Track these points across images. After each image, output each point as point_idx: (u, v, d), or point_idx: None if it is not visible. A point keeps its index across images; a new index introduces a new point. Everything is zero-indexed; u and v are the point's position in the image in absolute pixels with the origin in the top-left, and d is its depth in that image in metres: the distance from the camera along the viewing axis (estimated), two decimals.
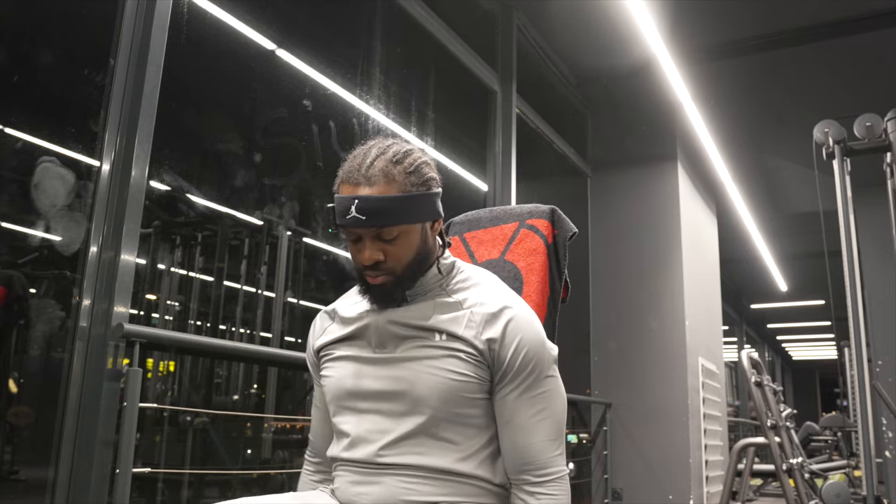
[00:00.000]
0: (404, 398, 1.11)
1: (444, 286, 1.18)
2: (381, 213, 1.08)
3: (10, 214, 2.34)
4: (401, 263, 1.12)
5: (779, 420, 3.91)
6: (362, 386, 1.15)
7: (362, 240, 1.11)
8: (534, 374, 1.13)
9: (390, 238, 1.11)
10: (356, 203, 1.08)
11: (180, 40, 2.18)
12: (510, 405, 1.13)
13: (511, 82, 4.13)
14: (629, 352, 4.92)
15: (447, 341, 1.12)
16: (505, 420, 1.13)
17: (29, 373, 2.40)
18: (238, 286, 3.84)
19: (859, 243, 3.20)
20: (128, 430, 1.73)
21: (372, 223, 1.08)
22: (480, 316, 1.13)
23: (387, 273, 1.12)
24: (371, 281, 1.13)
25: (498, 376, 1.13)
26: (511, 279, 1.37)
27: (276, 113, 3.41)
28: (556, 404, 1.15)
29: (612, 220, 5.20)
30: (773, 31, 4.34)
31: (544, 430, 1.12)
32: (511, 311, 1.13)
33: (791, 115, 5.31)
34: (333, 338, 1.21)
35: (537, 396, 1.13)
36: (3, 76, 2.11)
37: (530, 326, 1.14)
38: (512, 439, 1.13)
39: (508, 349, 1.11)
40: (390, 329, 1.15)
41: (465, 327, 1.12)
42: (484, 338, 1.12)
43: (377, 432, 1.12)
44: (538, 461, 1.11)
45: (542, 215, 1.42)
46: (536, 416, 1.12)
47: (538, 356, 1.13)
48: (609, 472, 4.72)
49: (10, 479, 2.42)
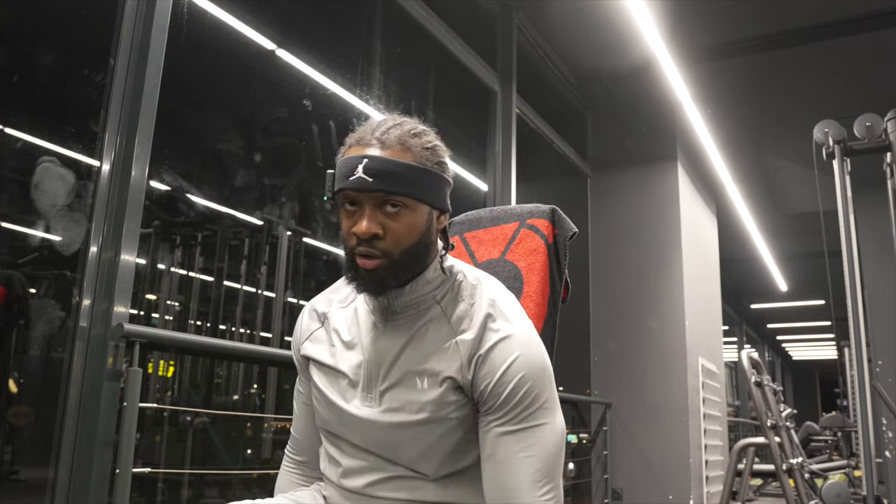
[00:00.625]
0: (391, 457, 1.05)
1: (437, 297, 1.06)
2: (390, 176, 0.97)
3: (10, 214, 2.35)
4: (399, 245, 0.99)
5: (779, 420, 3.91)
6: (348, 436, 1.08)
7: (362, 209, 0.99)
8: (523, 405, 0.99)
9: (394, 210, 0.98)
10: (364, 162, 0.97)
11: (180, 40, 2.18)
12: (492, 439, 1.00)
13: (511, 82, 4.13)
14: (629, 352, 4.92)
15: (435, 389, 1.02)
16: (487, 454, 1.00)
17: (29, 373, 2.40)
18: (238, 286, 3.84)
19: (859, 243, 3.20)
20: (128, 430, 1.73)
21: (379, 186, 0.96)
22: (468, 343, 1.02)
23: (382, 255, 0.99)
24: (362, 265, 0.99)
25: (483, 407, 1.01)
26: (511, 279, 1.37)
27: (276, 113, 3.41)
28: (549, 442, 1.00)
29: (612, 220, 5.20)
30: (773, 31, 4.34)
31: (530, 469, 0.98)
32: (501, 336, 1.01)
33: (791, 115, 5.31)
34: (321, 359, 1.12)
35: (523, 433, 0.99)
36: (3, 76, 2.11)
37: (525, 351, 1.01)
38: (491, 476, 1.00)
39: (493, 378, 0.99)
40: (377, 369, 1.05)
41: (453, 362, 1.02)
42: (470, 369, 1.01)
43: (368, 470, 1.06)
44: (515, 495, 0.97)
45: (542, 215, 1.42)
46: (522, 452, 0.98)
47: (532, 386, 0.99)
48: (609, 472, 4.72)
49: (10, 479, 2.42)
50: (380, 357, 1.05)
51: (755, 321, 13.47)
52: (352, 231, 0.99)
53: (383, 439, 1.04)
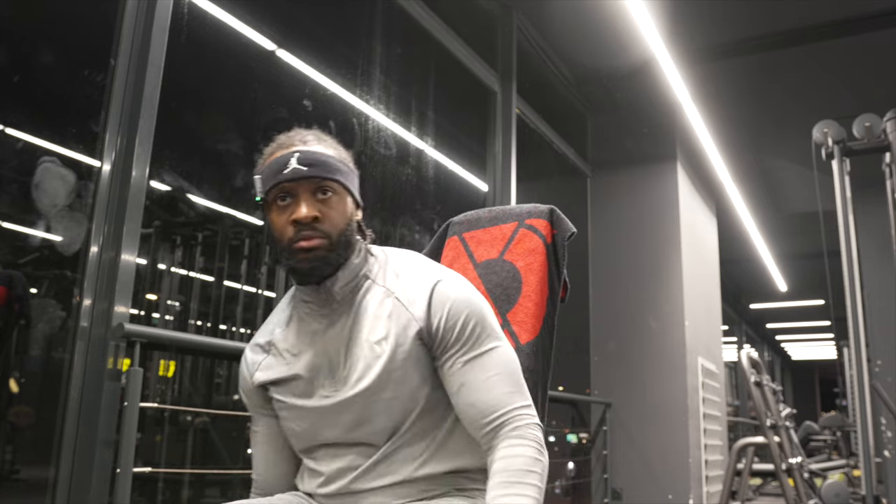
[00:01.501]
0: (367, 438, 1.09)
1: (369, 274, 1.13)
2: (322, 165, 1.06)
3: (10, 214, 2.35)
4: (335, 228, 1.07)
5: (778, 420, 3.91)
6: (323, 437, 1.12)
7: (297, 199, 1.06)
8: (473, 336, 1.08)
9: (326, 197, 1.07)
10: (297, 155, 1.06)
11: (180, 40, 2.19)
12: (458, 371, 1.08)
13: (511, 82, 4.13)
14: (629, 352, 4.92)
15: (390, 346, 1.07)
16: (457, 387, 1.08)
17: (29, 373, 2.40)
18: (238, 286, 3.84)
19: (859, 243, 3.20)
20: (128, 429, 1.73)
21: (314, 173, 1.05)
22: (411, 299, 1.09)
23: (321, 235, 1.05)
24: (305, 244, 1.04)
25: (439, 349, 1.09)
26: (510, 279, 1.38)
27: (276, 113, 3.41)
28: (509, 363, 1.10)
29: (612, 220, 5.20)
30: (773, 31, 4.34)
31: (502, 385, 1.07)
32: (436, 281, 1.10)
33: (790, 116, 5.31)
34: (277, 376, 1.14)
35: (483, 356, 1.08)
36: (4, 76, 2.11)
37: (461, 292, 1.10)
38: (469, 401, 1.07)
39: (443, 319, 1.07)
40: (335, 355, 1.10)
41: (401, 319, 1.09)
42: (421, 320, 1.08)
43: (348, 469, 1.10)
44: (501, 411, 1.06)
45: (540, 215, 1.42)
46: (489, 373, 1.07)
47: (475, 318, 1.09)
48: (609, 472, 4.72)
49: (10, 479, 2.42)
50: (334, 343, 1.11)
51: (755, 321, 13.47)
52: (291, 219, 1.05)
53: (358, 417, 1.08)
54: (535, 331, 1.32)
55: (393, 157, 3.60)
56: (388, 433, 1.08)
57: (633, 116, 5.13)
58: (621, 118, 5.19)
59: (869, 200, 4.22)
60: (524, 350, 1.31)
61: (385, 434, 1.08)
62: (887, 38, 4.29)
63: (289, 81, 3.21)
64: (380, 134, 3.52)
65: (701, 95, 4.60)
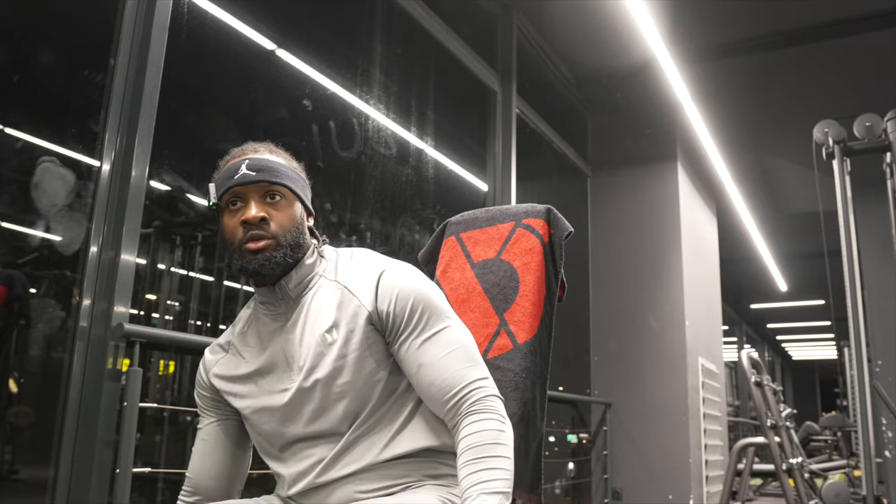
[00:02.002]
0: (330, 427, 1.11)
1: (320, 273, 1.19)
2: (270, 170, 1.13)
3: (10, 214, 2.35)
4: (283, 229, 1.12)
5: (779, 420, 3.91)
6: (289, 434, 1.14)
7: (247, 202, 1.12)
8: (424, 318, 1.12)
9: (274, 201, 1.13)
10: (246, 162, 1.13)
11: (180, 40, 2.19)
12: (414, 353, 1.11)
13: (511, 82, 4.13)
14: (629, 352, 4.92)
15: (341, 334, 1.11)
16: (415, 369, 1.11)
17: (29, 373, 2.40)
18: (238, 286, 3.84)
19: (859, 243, 3.20)
20: (128, 430, 1.73)
21: (262, 178, 1.12)
22: (359, 288, 1.14)
23: (269, 237, 1.11)
24: (253, 246, 1.10)
25: (391, 334, 1.12)
26: (507, 279, 1.37)
27: (276, 113, 3.41)
28: (461, 338, 1.13)
29: (612, 220, 5.20)
30: (773, 31, 4.34)
31: (457, 362, 1.10)
32: (382, 271, 1.14)
33: (791, 116, 5.30)
34: (236, 372, 1.19)
35: (437, 336, 1.12)
36: (3, 76, 2.11)
37: (406, 278, 1.14)
38: (428, 381, 1.10)
39: (391, 304, 1.11)
40: (290, 349, 1.14)
41: (350, 306, 1.13)
42: (368, 305, 1.12)
43: (314, 464, 1.12)
44: (459, 386, 1.09)
45: (538, 215, 1.42)
46: (444, 350, 1.11)
47: (423, 302, 1.13)
48: (609, 472, 4.72)
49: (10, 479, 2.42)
50: (288, 339, 1.15)
51: (755, 321, 13.46)
52: (240, 220, 1.11)
53: (317, 407, 1.11)
54: (533, 330, 1.32)
55: (393, 157, 3.60)
56: (349, 420, 1.11)
57: (633, 116, 5.12)
58: (621, 118, 5.19)
59: (869, 200, 4.21)
60: (522, 349, 1.31)
61: (347, 421, 1.11)
62: (887, 38, 4.29)
63: (289, 81, 3.21)
64: (380, 134, 3.52)
65: (701, 95, 4.60)
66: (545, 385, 1.33)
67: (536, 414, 1.28)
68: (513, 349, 1.29)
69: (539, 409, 1.29)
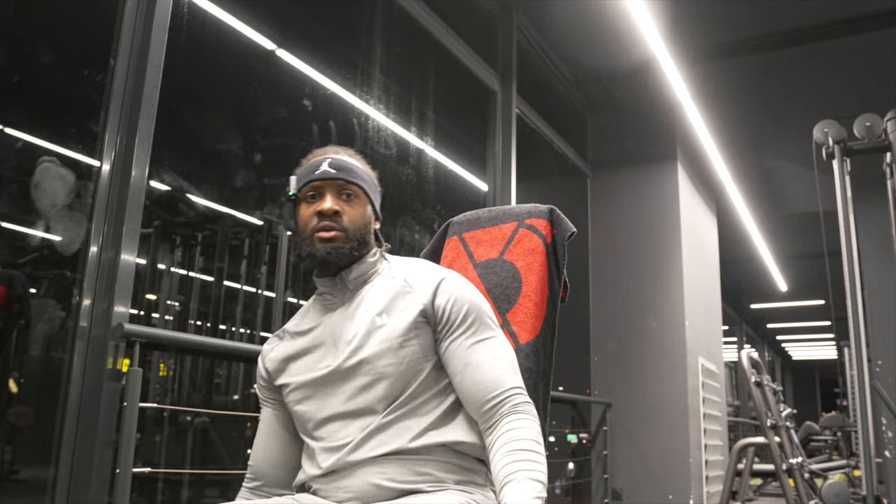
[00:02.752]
0: (368, 404, 1.15)
1: (380, 271, 1.26)
2: (348, 170, 1.23)
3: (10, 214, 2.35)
4: (353, 224, 1.21)
5: (779, 420, 3.91)
6: (328, 409, 1.18)
7: (323, 196, 1.21)
8: (476, 323, 1.19)
9: (349, 198, 1.22)
10: (328, 160, 1.23)
11: (180, 40, 2.19)
12: (462, 352, 1.18)
13: (511, 82, 4.13)
14: (629, 352, 4.92)
15: (392, 318, 1.18)
16: (461, 366, 1.17)
17: (29, 373, 2.40)
18: (238, 286, 3.84)
19: (859, 243, 3.20)
20: (128, 430, 1.73)
21: (340, 175, 1.21)
22: (418, 283, 1.21)
23: (340, 229, 1.19)
24: (324, 235, 1.19)
25: (443, 330, 1.18)
26: (510, 279, 1.37)
27: (276, 113, 3.41)
28: (507, 349, 1.20)
29: (612, 220, 5.20)
30: (773, 31, 4.34)
31: (502, 368, 1.17)
32: (443, 277, 1.22)
33: (791, 116, 5.30)
34: (287, 352, 1.26)
35: (486, 342, 1.18)
36: (3, 76, 2.11)
37: (465, 287, 1.22)
38: (473, 380, 1.16)
39: (449, 302, 1.18)
40: (339, 330, 1.21)
41: (406, 298, 1.20)
42: (425, 298, 1.19)
43: (345, 443, 1.15)
44: (502, 388, 1.15)
45: (540, 215, 1.42)
46: (491, 355, 1.17)
47: (478, 310, 1.20)
48: (609, 472, 4.72)
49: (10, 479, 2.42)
50: (339, 320, 1.22)
51: (755, 321, 13.47)
52: (315, 211, 1.20)
53: (359, 384, 1.16)
54: (536, 331, 1.32)
55: (393, 157, 3.60)
56: (387, 401, 1.15)
57: (633, 116, 5.12)
58: (621, 118, 5.19)
59: (869, 200, 4.21)
60: (524, 350, 1.30)
61: (384, 402, 1.15)
62: (887, 38, 4.29)
63: (289, 81, 3.21)
64: (380, 134, 3.52)
65: (701, 95, 4.60)
66: (548, 385, 1.33)
67: (539, 414, 1.28)
68: (515, 349, 1.29)
69: (542, 409, 1.28)
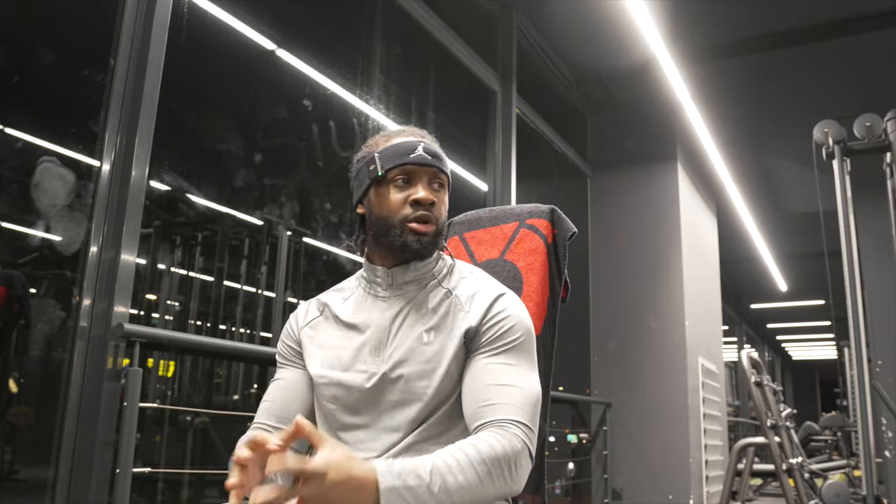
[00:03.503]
0: (396, 424, 1.09)
1: (435, 275, 1.18)
2: (442, 159, 1.17)
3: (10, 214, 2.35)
4: (442, 217, 1.15)
5: (779, 420, 3.91)
6: (356, 418, 1.12)
7: (415, 183, 1.13)
8: (512, 344, 1.08)
9: (438, 188, 1.15)
10: (422, 145, 1.15)
11: (180, 40, 2.19)
12: (480, 364, 1.07)
13: (511, 82, 4.13)
14: (629, 352, 4.92)
15: (438, 339, 1.09)
16: (468, 378, 1.07)
17: (29, 373, 2.40)
18: (238, 286, 3.84)
19: (859, 243, 3.20)
20: (128, 430, 1.73)
21: (436, 164, 1.15)
22: (472, 299, 1.12)
23: (433, 222, 1.13)
24: (421, 228, 1.11)
25: (475, 344, 1.09)
26: (511, 279, 1.37)
27: (276, 113, 3.41)
28: (529, 386, 1.06)
29: (612, 220, 5.20)
30: (773, 31, 4.34)
31: (511, 397, 1.03)
32: (501, 293, 1.14)
33: (791, 116, 5.30)
34: (324, 340, 1.17)
35: (510, 367, 1.06)
36: (4, 76, 2.11)
37: (520, 309, 1.13)
38: (472, 396, 1.05)
39: (494, 320, 1.09)
40: (383, 335, 1.12)
41: (457, 317, 1.11)
42: (474, 319, 1.10)
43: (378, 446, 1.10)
44: (494, 418, 1.01)
45: (541, 215, 1.42)
46: (505, 382, 1.04)
47: (520, 333, 1.09)
48: (609, 472, 4.72)
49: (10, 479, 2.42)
50: (385, 323, 1.14)
51: (755, 321, 13.47)
52: (411, 199, 1.12)
53: (394, 400, 1.09)
54: (537, 331, 1.32)
55: None
56: (415, 423, 1.08)
57: (633, 116, 5.12)
58: (621, 118, 5.19)
59: (869, 200, 4.21)
60: None
61: (413, 424, 1.08)
62: (887, 38, 4.29)
63: (289, 81, 3.21)
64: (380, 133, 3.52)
65: (701, 95, 4.60)
66: (549, 386, 1.32)
67: (539, 414, 1.27)
68: None
69: (542, 409, 1.28)
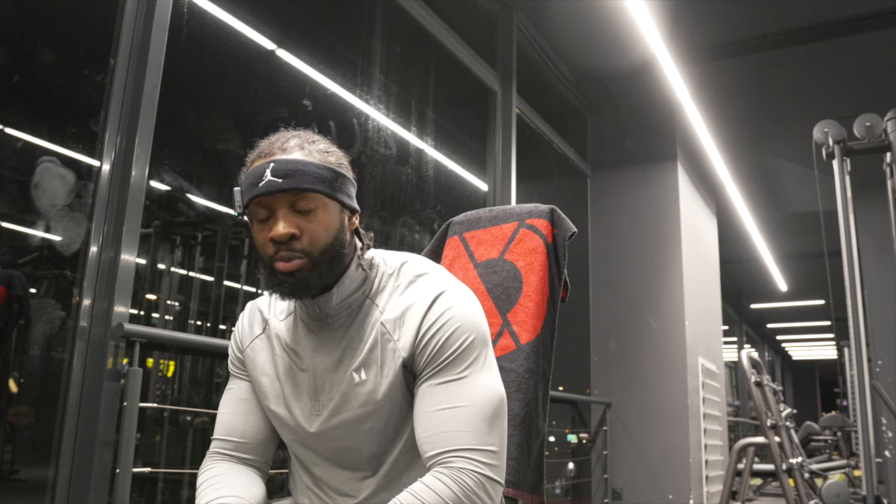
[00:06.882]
0: (354, 464, 1.07)
1: (367, 293, 1.06)
2: (298, 175, 0.97)
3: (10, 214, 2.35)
4: (316, 245, 0.98)
5: (779, 420, 3.91)
6: (313, 455, 1.10)
7: (274, 214, 0.98)
8: (453, 357, 0.99)
9: (307, 210, 0.98)
10: (271, 166, 0.97)
11: (180, 40, 2.19)
12: (421, 391, 1.00)
13: (511, 82, 4.13)
14: (629, 352, 4.92)
15: (371, 378, 1.02)
16: (416, 406, 1.01)
17: (29, 373, 2.40)
18: (238, 286, 3.84)
19: (859, 243, 3.20)
20: (128, 430, 1.73)
21: (289, 185, 0.96)
22: (399, 324, 1.03)
23: (301, 255, 0.98)
24: (283, 267, 0.97)
25: (417, 368, 1.02)
26: (510, 279, 1.37)
27: (276, 113, 3.41)
28: (480, 395, 0.98)
29: (612, 220, 5.20)
30: (773, 31, 4.34)
31: (455, 422, 0.96)
32: (432, 299, 1.03)
33: (791, 115, 5.31)
34: (265, 368, 1.10)
35: (455, 384, 0.98)
36: (3, 76, 2.11)
37: (460, 309, 1.02)
38: (417, 417, 1.00)
39: (430, 343, 1.00)
40: (321, 377, 1.06)
41: (385, 348, 1.03)
42: (405, 350, 1.01)
43: (346, 492, 1.08)
44: (439, 449, 0.95)
45: (541, 215, 1.42)
46: (448, 405, 0.97)
47: (463, 339, 1.00)
48: (609, 472, 4.72)
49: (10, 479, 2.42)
50: (321, 365, 1.06)
51: (755, 321, 13.47)
52: (268, 238, 0.98)
53: (342, 445, 1.06)
54: (536, 331, 1.32)
55: (393, 157, 3.60)
56: (378, 458, 1.06)
57: (633, 116, 5.13)
58: (621, 118, 5.19)
59: (869, 200, 4.22)
60: (524, 350, 1.30)
61: (375, 460, 1.06)
62: (887, 38, 4.29)
63: (289, 81, 3.21)
64: (380, 134, 3.52)
65: (701, 95, 4.60)
66: (548, 386, 1.33)
67: (539, 414, 1.28)
68: (516, 349, 1.29)
69: (541, 409, 1.28)
